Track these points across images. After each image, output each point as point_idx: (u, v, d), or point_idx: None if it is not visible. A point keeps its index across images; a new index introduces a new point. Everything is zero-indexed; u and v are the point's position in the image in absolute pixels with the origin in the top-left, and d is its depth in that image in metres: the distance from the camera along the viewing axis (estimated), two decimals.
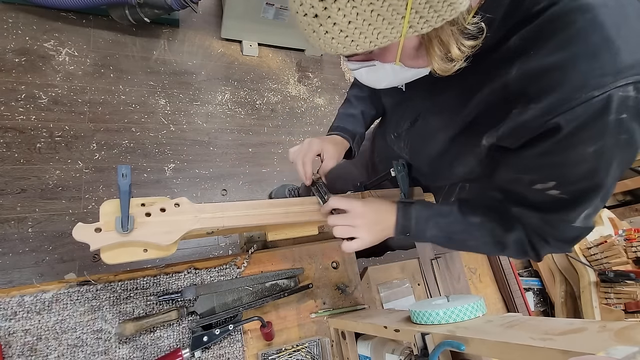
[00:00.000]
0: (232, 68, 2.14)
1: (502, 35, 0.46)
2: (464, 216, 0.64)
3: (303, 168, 0.73)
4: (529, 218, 0.58)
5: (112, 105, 1.75)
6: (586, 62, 0.39)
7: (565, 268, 1.07)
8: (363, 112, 0.87)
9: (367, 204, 0.65)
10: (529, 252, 0.61)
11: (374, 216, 0.64)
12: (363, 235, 0.63)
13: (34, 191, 1.49)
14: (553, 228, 0.56)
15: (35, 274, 1.39)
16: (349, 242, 0.63)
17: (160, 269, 0.72)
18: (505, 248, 0.62)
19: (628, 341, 0.34)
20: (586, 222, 0.53)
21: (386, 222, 0.65)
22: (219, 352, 0.70)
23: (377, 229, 0.64)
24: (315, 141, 0.76)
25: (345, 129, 0.83)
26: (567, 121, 0.41)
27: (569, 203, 0.50)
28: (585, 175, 0.46)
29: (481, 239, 0.63)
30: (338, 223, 0.64)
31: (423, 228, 0.64)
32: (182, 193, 1.74)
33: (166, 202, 0.60)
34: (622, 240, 1.01)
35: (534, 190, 0.52)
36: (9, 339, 0.59)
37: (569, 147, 0.44)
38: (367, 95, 0.88)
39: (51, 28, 1.77)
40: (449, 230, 0.64)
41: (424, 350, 0.51)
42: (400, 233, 0.65)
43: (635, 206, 1.87)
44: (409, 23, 0.37)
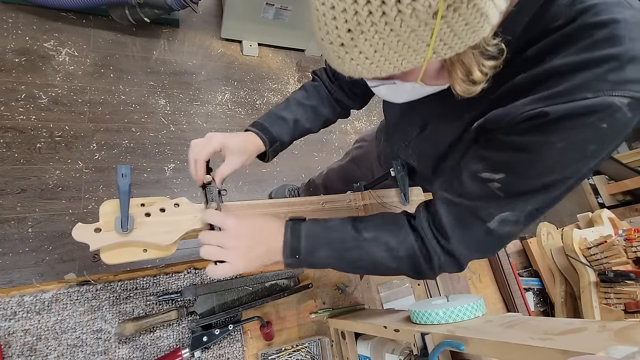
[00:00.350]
0: (232, 68, 2.14)
1: (518, 49, 0.47)
2: (357, 233, 0.57)
3: (194, 166, 0.63)
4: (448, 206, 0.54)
5: (112, 105, 1.75)
6: (592, 70, 0.40)
7: (565, 268, 1.07)
8: (297, 120, 0.78)
9: (246, 223, 0.56)
10: (422, 265, 0.56)
11: (251, 238, 0.55)
12: (233, 260, 0.54)
13: (34, 191, 1.49)
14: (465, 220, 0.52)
15: (35, 274, 1.39)
16: (215, 267, 0.54)
17: (160, 269, 0.72)
18: (399, 262, 0.56)
19: (628, 341, 0.34)
20: (501, 227, 0.50)
21: (269, 244, 0.56)
22: (219, 352, 0.70)
23: (253, 254, 0.55)
24: (217, 137, 0.64)
25: (267, 129, 0.73)
26: (555, 111, 0.42)
27: (499, 201, 0.49)
28: (537, 173, 0.46)
29: (374, 255, 0.56)
30: (206, 241, 0.55)
31: (313, 247, 0.56)
32: (182, 193, 1.74)
33: (166, 202, 0.60)
34: (622, 240, 1.01)
35: (477, 178, 0.51)
36: (8, 339, 0.59)
37: (543, 134, 0.44)
38: (311, 104, 0.80)
39: (51, 28, 1.77)
40: (341, 248, 0.56)
41: (423, 350, 0.51)
42: (288, 256, 0.56)
43: (635, 206, 1.87)
44: (433, 49, 0.38)
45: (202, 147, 0.63)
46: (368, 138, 1.17)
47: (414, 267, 0.56)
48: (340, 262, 0.58)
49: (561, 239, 1.09)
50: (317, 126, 0.84)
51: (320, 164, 2.14)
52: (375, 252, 0.56)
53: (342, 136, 2.31)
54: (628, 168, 1.98)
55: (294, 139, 0.80)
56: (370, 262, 0.57)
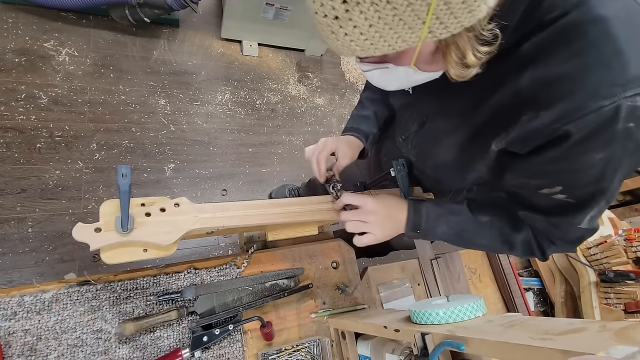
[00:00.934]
0: (232, 68, 2.14)
1: (514, 42, 0.47)
2: (474, 215, 0.65)
3: (317, 165, 0.76)
4: (536, 221, 0.59)
5: (112, 105, 1.75)
6: (597, 73, 0.40)
7: (565, 268, 1.07)
8: (376, 112, 0.88)
9: (379, 200, 0.66)
10: (535, 251, 0.62)
11: (386, 212, 0.65)
12: (375, 231, 0.64)
13: (34, 191, 1.49)
14: (559, 230, 0.58)
15: (35, 274, 1.39)
16: (361, 237, 0.64)
17: (160, 269, 0.72)
18: (512, 247, 0.64)
19: (628, 341, 0.34)
20: (591, 224, 0.55)
21: (397, 218, 0.66)
22: (219, 352, 0.70)
23: (388, 225, 0.65)
24: (330, 140, 0.79)
25: (358, 129, 0.85)
26: (578, 129, 0.42)
27: (574, 206, 0.52)
28: (591, 180, 0.47)
29: (490, 237, 0.64)
30: (350, 218, 0.66)
31: (433, 225, 0.65)
32: (182, 193, 1.74)
33: (166, 202, 0.60)
34: (622, 240, 1.01)
35: (541, 195, 0.53)
36: (9, 339, 0.59)
37: (578, 154, 0.45)
38: (379, 97, 0.89)
39: (51, 28, 1.77)
40: (458, 228, 0.65)
41: (423, 350, 0.52)
42: (410, 230, 0.65)
43: (635, 206, 1.87)
44: (429, 28, 0.37)
45: (321, 149, 0.77)
46: None
47: (528, 253, 0.64)
48: (457, 239, 0.66)
49: None
50: (392, 112, 0.90)
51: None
52: (490, 235, 0.64)
53: None
54: None
55: (380, 129, 0.91)
56: (485, 243, 0.66)
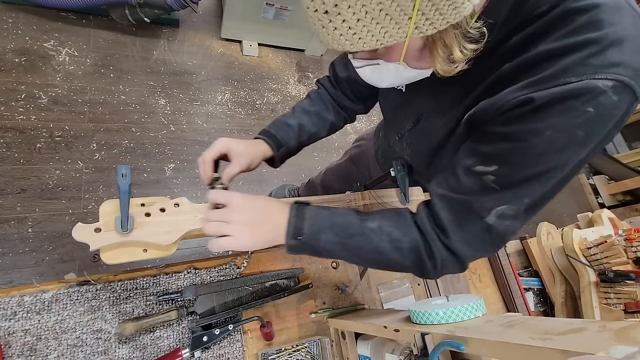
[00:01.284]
0: (232, 68, 2.14)
1: (502, 37, 0.48)
2: (361, 221, 0.57)
3: (202, 165, 0.65)
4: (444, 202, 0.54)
5: (112, 105, 1.75)
6: (574, 54, 0.41)
7: (565, 268, 1.07)
8: (301, 125, 0.81)
9: (249, 198, 0.57)
10: (425, 261, 0.55)
11: (256, 213, 0.56)
12: (237, 233, 0.54)
13: (34, 191, 1.49)
14: (462, 216, 0.53)
15: (35, 274, 1.39)
16: (216, 240, 0.54)
17: (160, 269, 0.72)
18: (402, 254, 0.56)
19: (628, 341, 0.34)
20: (498, 222, 0.50)
21: (273, 221, 0.56)
22: (219, 352, 0.70)
23: (257, 230, 0.55)
24: (223, 141, 0.68)
25: (273, 135, 0.78)
26: (540, 97, 0.42)
27: (495, 193, 0.49)
28: (529, 161, 0.46)
29: (378, 244, 0.56)
30: (211, 217, 0.56)
31: (318, 229, 0.56)
32: (182, 193, 1.74)
33: (166, 202, 0.60)
34: (622, 240, 1.01)
35: (471, 172, 0.51)
36: (8, 339, 0.59)
37: (530, 121, 0.44)
38: (315, 110, 0.83)
39: (51, 28, 1.77)
40: (345, 233, 0.56)
41: (423, 350, 0.51)
42: (291, 236, 0.55)
43: (635, 206, 1.87)
44: (415, 24, 0.39)
45: (209, 149, 0.66)
46: (367, 137, 1.17)
47: (417, 262, 0.56)
48: (344, 248, 0.57)
49: (561, 239, 1.09)
50: (324, 130, 0.86)
51: (320, 164, 2.14)
52: (378, 241, 0.56)
53: (342, 136, 2.31)
54: (628, 168, 1.98)
55: (301, 143, 0.83)
56: (374, 251, 0.56)
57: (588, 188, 2.22)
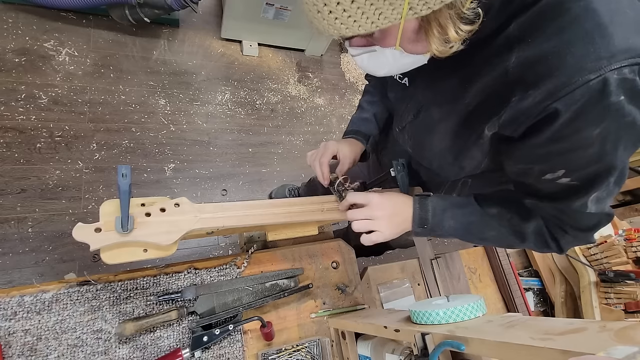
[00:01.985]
0: (232, 68, 2.14)
1: (500, 23, 0.47)
2: (481, 207, 0.64)
3: (320, 169, 0.75)
4: (544, 208, 0.58)
5: (112, 105, 1.75)
6: (581, 47, 0.41)
7: (565, 268, 1.07)
8: (375, 114, 0.89)
9: (384, 197, 0.65)
10: (549, 242, 0.61)
11: (392, 208, 0.64)
12: (382, 228, 0.63)
13: (34, 191, 1.49)
14: (569, 217, 0.56)
15: (35, 274, 1.39)
16: (369, 235, 0.63)
17: (160, 269, 0.72)
18: (524, 239, 0.62)
19: (628, 341, 0.34)
20: (600, 207, 0.53)
21: (403, 214, 0.64)
22: (219, 352, 0.70)
23: (395, 222, 0.64)
24: (331, 143, 0.78)
25: (358, 131, 0.86)
26: (566, 105, 0.42)
27: (580, 189, 0.51)
28: (592, 159, 0.46)
29: (499, 229, 0.63)
30: (356, 217, 0.64)
31: (440, 219, 0.63)
32: (182, 193, 1.74)
33: (166, 202, 0.60)
34: (622, 240, 1.01)
35: (545, 181, 0.52)
36: (9, 339, 0.59)
37: (572, 132, 0.44)
38: (378, 99, 0.90)
39: (51, 28, 1.77)
40: (466, 221, 0.63)
41: (424, 350, 0.51)
42: (418, 225, 0.64)
43: (635, 206, 1.87)
44: (409, 4, 0.39)
45: (323, 152, 0.76)
46: None
47: (540, 243, 0.62)
48: (465, 233, 0.64)
49: None
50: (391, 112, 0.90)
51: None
52: (499, 227, 0.62)
53: None
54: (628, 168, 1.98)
55: (381, 129, 0.91)
56: (496, 236, 0.63)
57: None
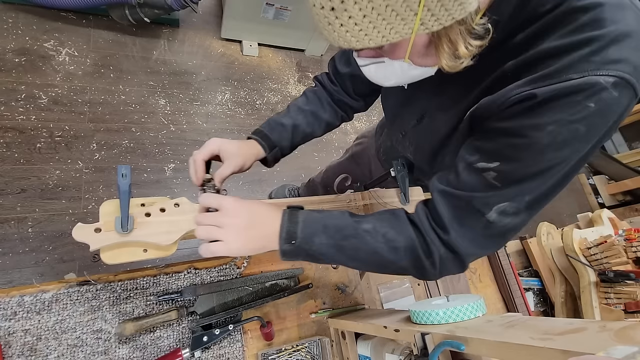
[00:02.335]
0: (232, 68, 2.14)
1: (507, 34, 0.48)
2: (356, 223, 0.56)
3: (193, 165, 0.64)
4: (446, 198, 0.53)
5: (112, 105, 1.75)
6: (576, 51, 0.42)
7: (565, 268, 1.07)
8: (295, 125, 0.80)
9: (242, 203, 0.55)
10: (423, 260, 0.54)
11: (249, 217, 0.54)
12: (229, 238, 0.52)
13: (34, 191, 1.49)
14: (463, 212, 0.52)
15: (35, 274, 1.39)
16: (209, 244, 0.52)
17: (160, 269, 0.72)
18: (399, 255, 0.55)
19: (628, 341, 0.34)
20: (499, 219, 0.50)
21: (266, 227, 0.55)
22: (219, 352, 0.70)
23: (249, 234, 0.54)
24: (215, 141, 0.67)
25: (266, 136, 0.77)
26: (542, 93, 0.43)
27: (496, 190, 0.49)
28: (530, 157, 0.46)
29: (374, 245, 0.55)
30: (201, 221, 0.54)
31: (311, 232, 0.54)
32: (182, 193, 1.74)
33: (166, 202, 0.60)
34: (622, 240, 1.01)
35: (473, 169, 0.51)
36: (8, 339, 0.59)
37: (532, 116, 0.44)
38: (310, 109, 0.82)
39: (51, 28, 1.77)
40: (339, 235, 0.55)
41: (423, 350, 0.51)
42: (285, 240, 0.54)
43: (635, 206, 1.87)
44: (421, 20, 0.39)
45: (200, 149, 0.65)
46: (368, 134, 1.17)
47: (415, 261, 0.55)
48: (339, 251, 0.55)
49: (561, 239, 1.09)
50: (319, 130, 0.85)
51: (320, 163, 2.14)
52: (374, 242, 0.54)
53: (342, 136, 2.31)
54: (628, 168, 1.98)
55: (294, 144, 0.82)
56: (370, 253, 0.55)
57: (588, 188, 2.21)
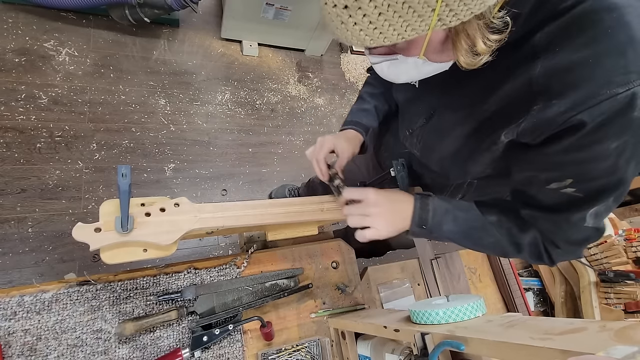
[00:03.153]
0: (232, 68, 2.14)
1: (526, 31, 0.46)
2: (482, 213, 0.62)
3: (318, 165, 0.75)
4: (539, 220, 0.57)
5: (112, 105, 1.75)
6: (611, 60, 0.40)
7: (565, 268, 1.07)
8: (376, 106, 0.87)
9: (381, 193, 0.63)
10: (543, 255, 0.59)
11: (389, 205, 0.62)
12: (377, 225, 0.60)
13: (34, 191, 1.49)
14: (563, 230, 0.55)
15: (35, 274, 1.39)
16: (363, 231, 0.61)
17: (160, 269, 0.72)
18: (521, 249, 0.61)
19: (628, 341, 0.34)
20: (597, 222, 0.52)
21: (402, 212, 0.62)
22: (219, 352, 0.70)
23: (392, 219, 0.62)
24: (328, 138, 0.77)
25: (358, 122, 0.84)
26: (592, 117, 0.41)
27: (582, 202, 0.50)
28: (604, 172, 0.46)
29: (498, 237, 0.61)
30: (351, 212, 0.63)
31: (440, 221, 0.61)
32: (182, 193, 1.74)
33: (166, 202, 0.60)
34: (622, 240, 1.01)
35: (548, 190, 0.51)
36: (8, 339, 0.59)
37: (591, 143, 0.43)
38: (379, 92, 0.88)
39: (51, 28, 1.77)
40: (466, 225, 0.61)
41: (423, 350, 0.51)
42: (416, 225, 0.61)
43: (635, 206, 1.87)
44: (438, 16, 0.37)
45: (319, 149, 0.75)
46: None
47: (535, 256, 0.60)
48: (465, 238, 0.63)
49: None
50: (394, 105, 0.89)
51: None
52: (498, 236, 0.61)
53: None
54: None
55: (380, 121, 0.89)
56: (493, 244, 0.62)
57: None
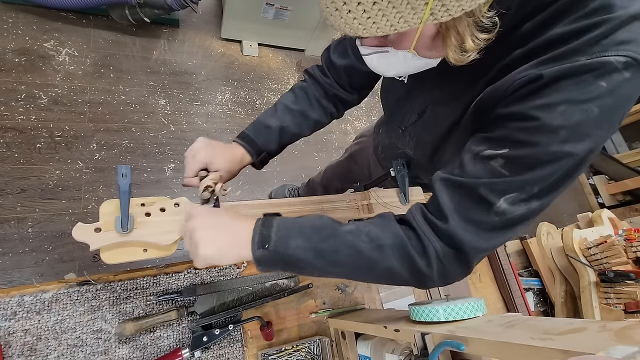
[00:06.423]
0: (232, 68, 2.14)
1: (514, 24, 0.47)
2: (336, 224, 0.52)
3: (191, 184, 0.67)
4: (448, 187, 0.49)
5: (112, 105, 1.75)
6: (585, 35, 0.41)
7: (565, 268, 1.07)
8: (282, 127, 0.77)
9: (212, 210, 0.55)
10: (413, 256, 0.49)
11: (214, 219, 0.52)
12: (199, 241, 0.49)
13: (34, 191, 1.49)
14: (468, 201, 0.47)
15: (35, 274, 1.39)
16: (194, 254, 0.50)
17: (160, 269, 0.72)
18: (383, 252, 0.49)
19: (628, 341, 0.34)
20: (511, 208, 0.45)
21: (237, 232, 0.51)
22: (219, 352, 0.70)
23: (219, 236, 0.50)
24: (202, 154, 0.66)
25: (253, 141, 0.75)
26: (549, 73, 0.42)
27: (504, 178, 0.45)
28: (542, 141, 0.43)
29: (356, 245, 0.49)
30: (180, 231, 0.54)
31: (286, 235, 0.49)
32: (182, 193, 1.74)
33: (166, 202, 0.60)
34: (622, 240, 1.01)
35: (480, 158, 0.48)
36: (8, 339, 0.59)
37: (541, 97, 0.43)
38: (298, 109, 0.78)
39: (51, 28, 1.77)
40: (316, 237, 0.50)
41: (423, 350, 0.51)
42: (258, 245, 0.49)
43: (635, 206, 1.87)
44: (431, 10, 0.38)
45: (191, 162, 0.66)
46: (367, 134, 1.17)
47: (406, 262, 0.49)
48: (319, 256, 0.49)
49: (561, 239, 1.09)
50: (307, 130, 0.82)
51: (320, 164, 2.14)
52: (355, 241, 0.49)
53: (342, 136, 2.31)
54: (628, 168, 1.98)
55: (282, 146, 0.80)
56: (352, 255, 0.49)
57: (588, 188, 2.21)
